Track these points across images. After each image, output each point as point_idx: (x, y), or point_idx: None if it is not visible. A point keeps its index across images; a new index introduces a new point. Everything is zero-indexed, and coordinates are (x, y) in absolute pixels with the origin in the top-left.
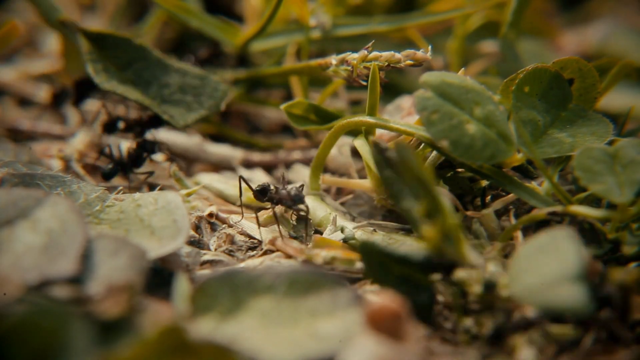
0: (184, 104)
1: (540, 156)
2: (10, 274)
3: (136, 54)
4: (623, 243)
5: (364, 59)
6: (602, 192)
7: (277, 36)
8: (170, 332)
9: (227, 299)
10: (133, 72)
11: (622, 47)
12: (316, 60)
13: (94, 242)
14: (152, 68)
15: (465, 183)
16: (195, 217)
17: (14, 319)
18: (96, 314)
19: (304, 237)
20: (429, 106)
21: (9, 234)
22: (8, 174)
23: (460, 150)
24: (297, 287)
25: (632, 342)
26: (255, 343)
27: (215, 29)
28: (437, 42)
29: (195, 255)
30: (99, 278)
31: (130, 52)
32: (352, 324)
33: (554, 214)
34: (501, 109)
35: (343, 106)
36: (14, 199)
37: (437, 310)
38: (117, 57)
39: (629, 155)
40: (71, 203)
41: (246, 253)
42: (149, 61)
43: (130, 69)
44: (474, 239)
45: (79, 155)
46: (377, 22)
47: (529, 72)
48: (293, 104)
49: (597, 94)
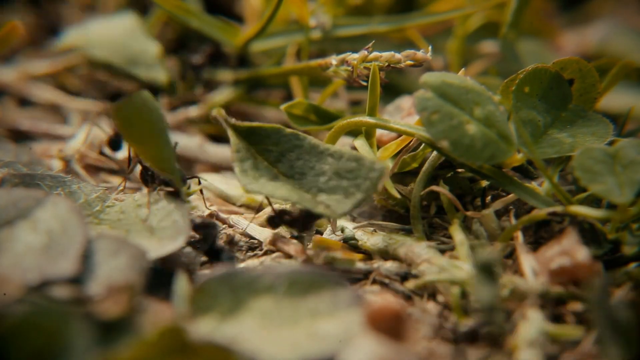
0: (340, 191)
1: (541, 156)
2: (10, 274)
3: (288, 143)
4: (623, 243)
5: (364, 59)
6: (602, 193)
7: (277, 36)
8: (171, 333)
9: (227, 299)
10: (286, 164)
11: (622, 48)
12: (316, 60)
13: (94, 243)
14: (306, 156)
15: (465, 183)
16: (196, 217)
17: (14, 319)
18: (96, 314)
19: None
20: (429, 106)
21: (9, 234)
22: (8, 174)
23: (460, 150)
24: (297, 287)
25: None
26: (255, 343)
27: (215, 30)
28: (437, 43)
29: (195, 256)
30: (99, 278)
31: (282, 143)
32: (352, 324)
33: (554, 214)
34: (501, 109)
35: (343, 106)
36: (14, 199)
37: (437, 310)
38: (268, 150)
39: (629, 155)
40: (71, 203)
41: (246, 253)
42: (302, 149)
43: (283, 161)
44: (474, 239)
45: (79, 155)
46: (377, 23)
47: (529, 72)
48: (293, 104)
49: (597, 94)
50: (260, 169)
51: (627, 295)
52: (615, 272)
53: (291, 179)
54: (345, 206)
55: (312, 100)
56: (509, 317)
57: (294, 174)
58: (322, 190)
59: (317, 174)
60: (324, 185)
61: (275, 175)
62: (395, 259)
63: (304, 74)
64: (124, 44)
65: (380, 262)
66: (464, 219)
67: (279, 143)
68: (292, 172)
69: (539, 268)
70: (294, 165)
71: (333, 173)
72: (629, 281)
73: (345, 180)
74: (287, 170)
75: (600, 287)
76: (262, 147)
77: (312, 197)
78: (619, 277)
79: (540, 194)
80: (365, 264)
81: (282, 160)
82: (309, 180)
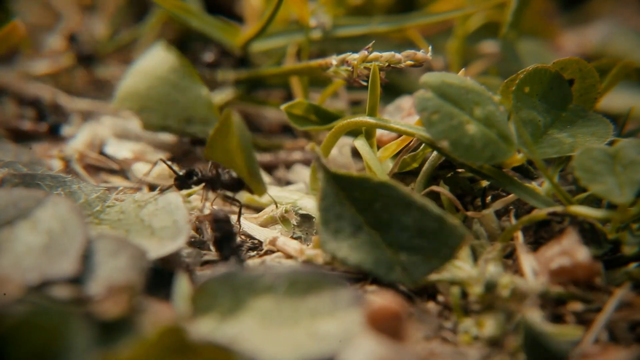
0: (419, 252)
1: (541, 156)
2: (10, 274)
3: (375, 192)
4: (623, 243)
5: (365, 60)
6: (602, 193)
7: (277, 37)
8: (171, 333)
9: (228, 299)
10: (371, 214)
11: (622, 48)
12: (316, 60)
13: (95, 243)
14: (393, 207)
15: (465, 183)
16: (196, 217)
17: (15, 319)
18: (96, 314)
19: (304, 237)
20: (429, 107)
21: (10, 234)
22: (8, 175)
23: (460, 150)
24: (297, 287)
25: (632, 342)
26: (256, 343)
27: (215, 30)
28: (437, 43)
29: (195, 256)
30: (100, 278)
31: (369, 192)
32: (352, 324)
33: (554, 214)
34: (501, 109)
35: (343, 106)
36: (15, 199)
37: (437, 310)
38: (355, 198)
39: (629, 155)
40: (72, 203)
41: (247, 253)
42: (388, 199)
43: (369, 210)
44: (475, 239)
45: (80, 155)
46: (378, 23)
47: (529, 72)
48: (293, 104)
49: (597, 94)
50: (344, 219)
51: (627, 295)
52: (615, 272)
53: (374, 231)
54: (420, 273)
55: (312, 100)
56: (509, 317)
57: (378, 225)
58: (403, 248)
59: (401, 228)
60: (406, 242)
61: (359, 225)
62: None
63: (304, 74)
64: (174, 100)
65: None
66: (464, 219)
67: (366, 191)
68: (376, 223)
69: (539, 268)
70: (379, 216)
71: (416, 230)
72: (629, 281)
73: (426, 241)
74: (372, 221)
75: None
76: (350, 194)
77: (392, 254)
78: (619, 277)
79: (540, 194)
80: None
81: (368, 210)
82: (392, 234)
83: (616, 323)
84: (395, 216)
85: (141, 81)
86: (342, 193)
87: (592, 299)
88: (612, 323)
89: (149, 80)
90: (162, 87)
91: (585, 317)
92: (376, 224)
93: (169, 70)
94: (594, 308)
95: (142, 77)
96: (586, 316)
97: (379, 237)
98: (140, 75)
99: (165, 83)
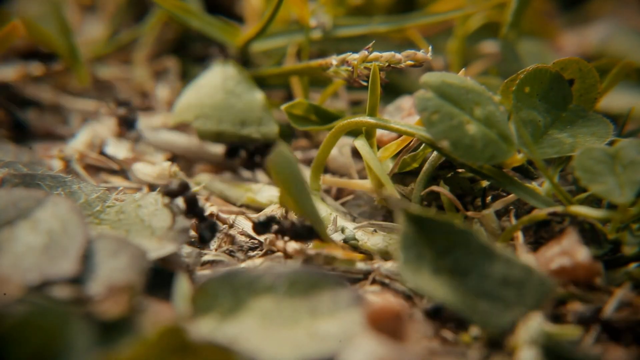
0: (502, 302)
1: (541, 156)
2: (10, 274)
3: (458, 239)
4: (623, 243)
5: (365, 60)
6: (602, 193)
7: (277, 37)
8: (171, 333)
9: (228, 299)
10: (452, 260)
11: (622, 48)
12: (317, 60)
13: (95, 243)
14: (474, 256)
15: (465, 183)
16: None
17: (15, 319)
18: (96, 314)
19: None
20: (429, 107)
21: (10, 234)
22: (9, 175)
23: (460, 150)
24: (298, 287)
25: (632, 342)
26: (256, 343)
27: (215, 30)
28: (437, 43)
29: (195, 256)
30: (100, 278)
31: (451, 238)
32: (352, 324)
33: (555, 215)
34: (501, 109)
35: (343, 107)
36: (15, 199)
37: None
38: (435, 242)
39: (629, 155)
40: (72, 203)
41: (247, 253)
42: (470, 247)
43: (449, 256)
44: None
45: (80, 155)
46: (378, 23)
47: (530, 72)
48: (293, 104)
49: (597, 94)
50: (424, 259)
51: (627, 295)
52: (615, 272)
53: (453, 277)
54: (504, 320)
55: (312, 100)
56: None
57: (458, 271)
58: (484, 296)
59: (481, 276)
60: (487, 290)
61: (437, 269)
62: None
63: (304, 74)
64: (229, 105)
65: (381, 262)
66: (464, 219)
67: (448, 237)
68: (456, 269)
69: (539, 268)
70: (459, 263)
71: (500, 280)
72: (629, 281)
73: (511, 290)
74: (452, 266)
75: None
76: (430, 237)
77: (473, 301)
78: (619, 277)
79: (540, 194)
80: (365, 264)
81: (448, 255)
82: (472, 281)
83: (616, 323)
84: (476, 264)
85: (197, 93)
86: (422, 235)
87: (592, 299)
88: (612, 323)
89: (205, 90)
90: (218, 94)
91: (585, 317)
92: (456, 269)
93: (224, 79)
94: (594, 308)
95: (198, 89)
96: (586, 316)
97: (459, 282)
98: (196, 88)
99: (220, 91)
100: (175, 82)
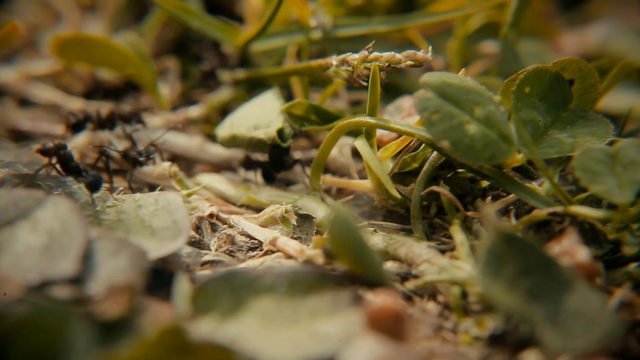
0: (569, 330)
1: (541, 157)
2: (10, 274)
3: (540, 263)
4: (623, 243)
5: (365, 60)
6: (602, 193)
7: (277, 37)
8: (171, 333)
9: (228, 299)
10: (531, 281)
11: (622, 48)
12: (317, 60)
13: (95, 243)
14: (553, 282)
15: (465, 183)
16: (196, 217)
17: (15, 319)
18: (97, 314)
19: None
20: (429, 107)
21: (10, 234)
22: (8, 175)
23: (460, 150)
24: (298, 287)
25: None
26: (256, 343)
27: (215, 30)
28: (437, 43)
29: (195, 256)
30: (100, 278)
31: (533, 260)
32: (352, 324)
33: (555, 215)
34: (502, 109)
35: (343, 107)
36: (15, 199)
37: (437, 310)
38: (518, 260)
39: (629, 155)
40: (72, 203)
41: (247, 253)
42: (550, 273)
43: (529, 278)
44: (475, 239)
45: (80, 155)
46: (378, 23)
47: (530, 72)
48: (294, 104)
49: (597, 94)
50: (503, 272)
51: (627, 295)
52: (615, 272)
53: (528, 296)
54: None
55: (312, 100)
56: (509, 317)
57: (533, 293)
58: (552, 322)
59: (555, 303)
60: (558, 318)
61: (514, 284)
62: (395, 259)
63: (304, 74)
64: (251, 114)
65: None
66: (464, 220)
67: (531, 258)
68: (532, 291)
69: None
70: (536, 285)
71: (573, 311)
72: (629, 281)
73: (582, 323)
74: (529, 287)
75: None
76: (514, 254)
77: (541, 322)
78: (619, 277)
79: (540, 194)
80: None
81: (528, 276)
82: (545, 307)
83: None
84: (552, 291)
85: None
86: (507, 250)
87: None
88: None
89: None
90: (250, 108)
91: None
92: (532, 290)
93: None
94: None
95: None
96: None
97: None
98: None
99: (254, 105)
100: (175, 82)
